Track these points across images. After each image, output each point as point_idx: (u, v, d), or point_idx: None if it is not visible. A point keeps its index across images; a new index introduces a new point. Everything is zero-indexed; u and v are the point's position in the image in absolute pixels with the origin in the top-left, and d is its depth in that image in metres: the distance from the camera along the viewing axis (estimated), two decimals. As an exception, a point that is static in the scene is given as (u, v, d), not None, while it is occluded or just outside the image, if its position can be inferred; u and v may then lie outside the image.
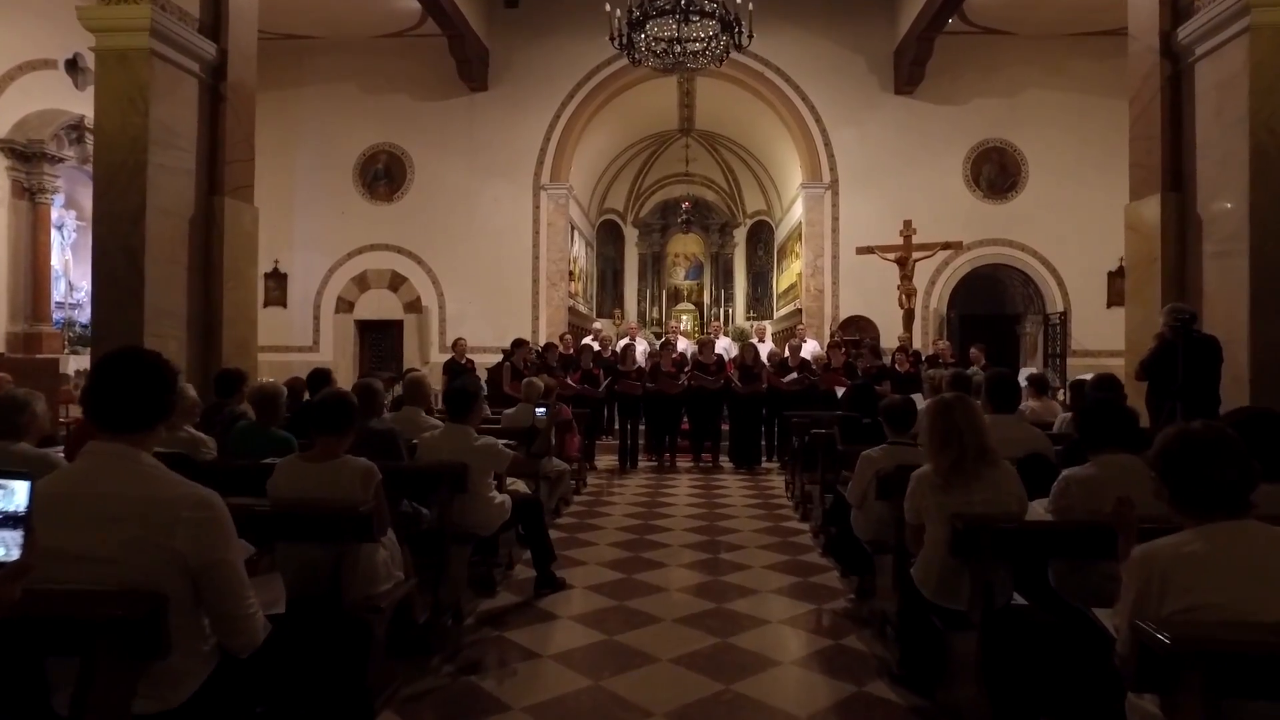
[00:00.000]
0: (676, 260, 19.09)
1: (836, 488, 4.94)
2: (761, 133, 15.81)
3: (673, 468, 10.07)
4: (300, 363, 13.83)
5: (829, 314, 13.87)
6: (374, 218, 14.30)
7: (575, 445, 7.86)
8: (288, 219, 14.34)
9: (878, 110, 13.98)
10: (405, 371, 9.01)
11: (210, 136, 6.79)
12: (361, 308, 14.38)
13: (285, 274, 14.36)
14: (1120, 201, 14.19)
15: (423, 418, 5.45)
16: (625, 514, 7.34)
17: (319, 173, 14.31)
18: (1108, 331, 13.68)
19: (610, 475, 9.64)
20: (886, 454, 4.18)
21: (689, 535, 6.49)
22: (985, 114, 13.91)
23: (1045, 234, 13.85)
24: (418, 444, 4.54)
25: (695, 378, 9.93)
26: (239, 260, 7.07)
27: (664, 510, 7.48)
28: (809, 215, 14.00)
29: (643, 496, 8.19)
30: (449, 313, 14.19)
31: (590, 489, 8.72)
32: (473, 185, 14.18)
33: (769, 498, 8.20)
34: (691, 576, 5.30)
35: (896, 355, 10.58)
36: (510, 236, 14.15)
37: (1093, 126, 13.76)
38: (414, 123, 14.26)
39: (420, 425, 5.29)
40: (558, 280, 14.09)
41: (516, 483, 5.62)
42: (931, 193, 13.72)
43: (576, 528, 6.78)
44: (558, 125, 14.12)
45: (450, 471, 4.23)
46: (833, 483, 5.74)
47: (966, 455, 2.96)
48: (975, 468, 2.97)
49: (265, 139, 14.51)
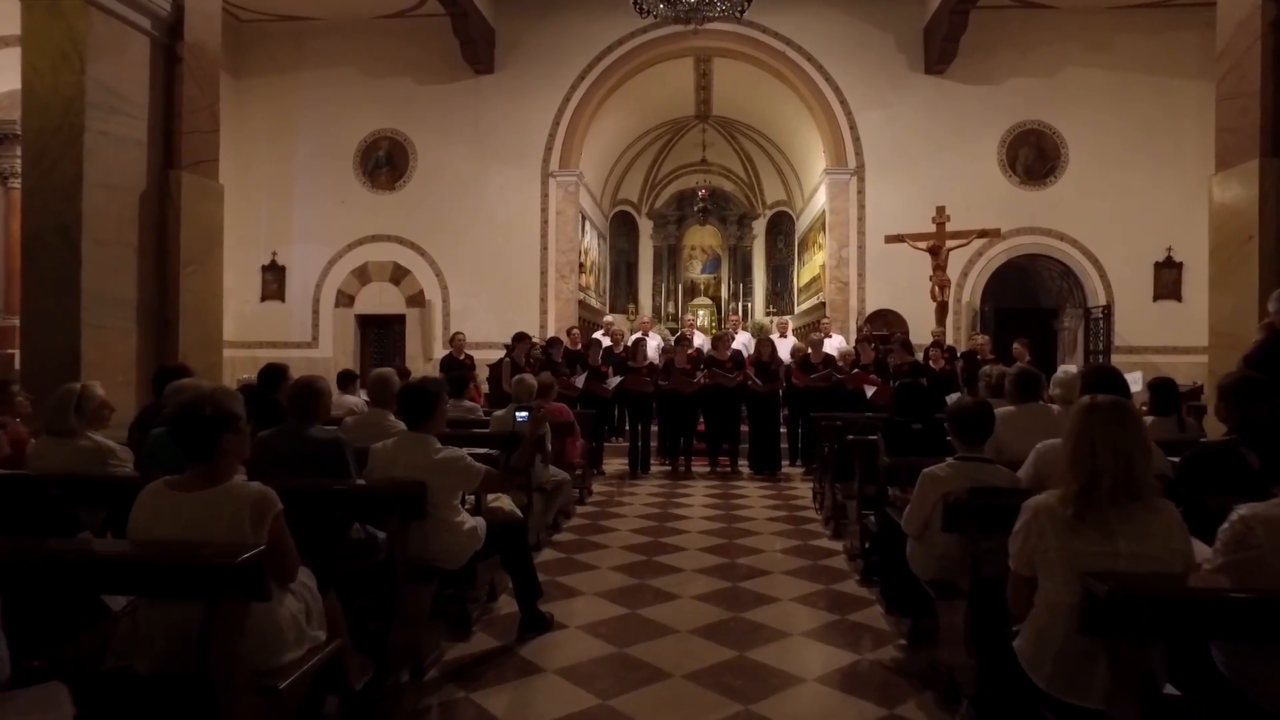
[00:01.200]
0: (693, 253, 18.14)
1: (886, 510, 3.99)
2: (782, 117, 14.83)
3: (687, 473, 9.15)
4: (299, 359, 13.00)
5: (854, 308, 12.88)
6: (375, 207, 13.46)
7: (578, 450, 6.97)
8: (286, 209, 13.56)
9: (907, 91, 12.96)
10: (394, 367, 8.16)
11: (165, 103, 5.94)
12: (362, 302, 13.54)
13: (284, 267, 13.55)
14: (1167, 187, 13.25)
15: (390, 421, 4.56)
16: (632, 529, 6.43)
17: (318, 161, 13.49)
18: (1154, 327, 12.68)
19: (619, 481, 8.73)
20: (955, 472, 3.25)
21: (704, 557, 5.56)
22: (1022, 94, 12.85)
23: (1086, 222, 12.78)
24: (369, 456, 3.65)
25: (712, 375, 9.01)
26: (200, 243, 6.21)
27: (676, 525, 6.56)
28: (833, 203, 13.01)
29: (653, 508, 7.27)
30: (453, 306, 13.33)
31: (597, 497, 7.82)
32: (478, 172, 13.31)
33: (794, 509, 7.26)
34: (706, 613, 4.37)
35: (930, 351, 9.60)
36: (517, 226, 13.26)
37: (1138, 107, 12.69)
38: (417, 107, 13.41)
39: (387, 431, 4.41)
40: (567, 272, 13.19)
41: (501, 499, 4.72)
42: (964, 178, 12.69)
43: (576, 546, 5.88)
44: (567, 109, 13.21)
45: (403, 493, 3.34)
46: (875, 499, 4.80)
47: (1105, 483, 2.02)
48: (1120, 504, 2.03)
49: (261, 126, 13.86)
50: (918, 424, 4.55)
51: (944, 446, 4.52)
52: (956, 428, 3.31)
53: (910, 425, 4.57)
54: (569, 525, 6.54)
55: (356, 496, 3.38)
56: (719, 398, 9.08)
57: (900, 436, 4.56)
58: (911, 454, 4.44)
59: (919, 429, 4.54)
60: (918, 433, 4.53)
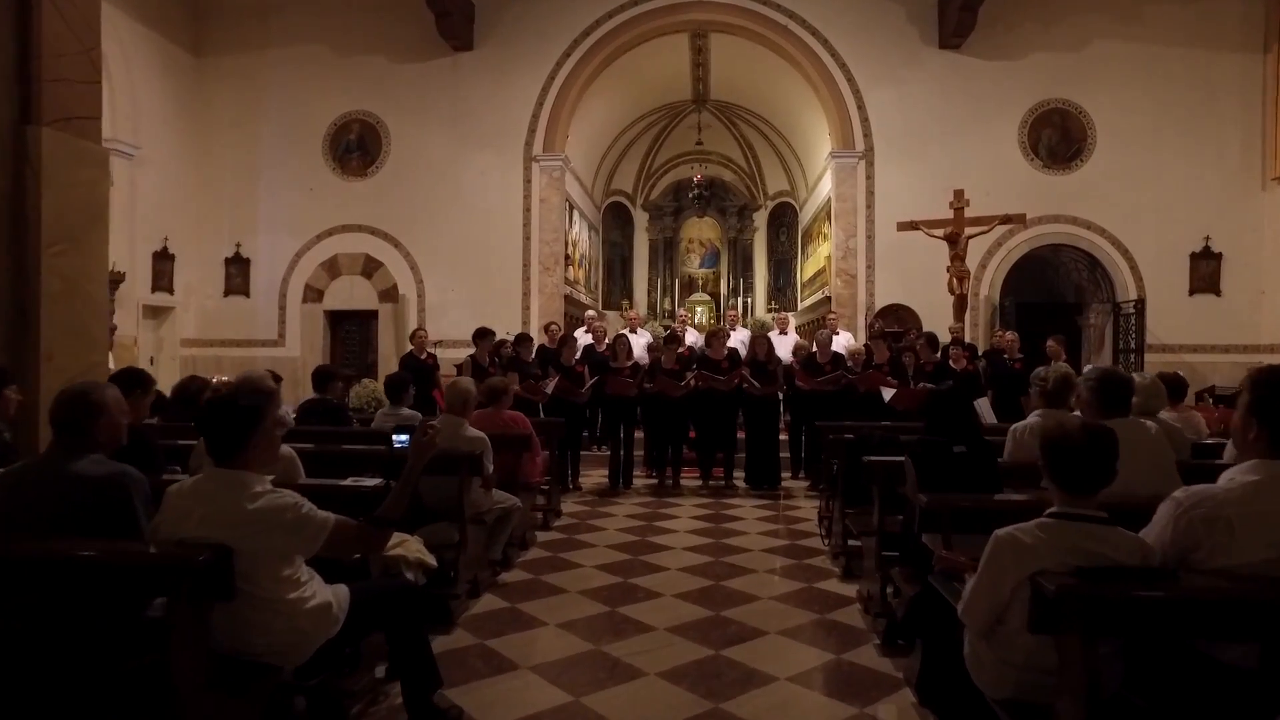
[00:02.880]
0: (690, 246, 16.87)
1: (929, 579, 2.75)
2: (784, 99, 13.57)
3: (675, 487, 7.91)
4: (265, 358, 11.85)
5: (863, 302, 11.62)
6: (346, 195, 12.26)
7: (538, 467, 5.74)
8: (250, 198, 12.37)
9: (919, 67, 11.69)
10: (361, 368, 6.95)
11: (18, 43, 4.73)
12: (332, 296, 12.34)
13: (248, 259, 12.36)
14: (1205, 171, 11.61)
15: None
16: (600, 563, 5.20)
17: (284, 145, 12.29)
18: (1189, 323, 11.41)
19: (595, 498, 7.50)
20: (1051, 539, 2.00)
21: (684, 608, 4.32)
22: (1045, 70, 11.57)
23: (1115, 209, 11.49)
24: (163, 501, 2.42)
25: (703, 377, 7.77)
26: (74, 217, 4.98)
27: (653, 559, 5.32)
28: (839, 189, 11.75)
29: (630, 534, 6.03)
30: (429, 301, 12.12)
31: (566, 519, 6.58)
32: (456, 157, 12.09)
33: (796, 536, 6.02)
34: (678, 702, 3.14)
35: (950, 350, 8.35)
36: (498, 215, 12.04)
37: (1173, 84, 11.40)
38: (390, 88, 12.20)
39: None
40: (552, 265, 11.96)
41: (406, 543, 3.50)
42: (982, 162, 11.42)
43: (525, 589, 4.65)
44: (552, 88, 11.98)
45: (193, 564, 2.12)
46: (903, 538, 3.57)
47: None
48: None
49: (224, 109, 12.66)
50: (961, 445, 3.31)
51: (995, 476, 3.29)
52: (1057, 466, 2.06)
53: (950, 447, 3.33)
54: (524, 559, 5.31)
55: (107, 568, 2.15)
56: (712, 402, 7.84)
57: (938, 462, 3.32)
58: (954, 485, 3.22)
59: (962, 452, 3.30)
60: (961, 458, 3.30)
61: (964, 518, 2.97)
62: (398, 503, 2.51)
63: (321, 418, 5.71)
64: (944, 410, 3.45)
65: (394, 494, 2.52)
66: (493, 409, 5.55)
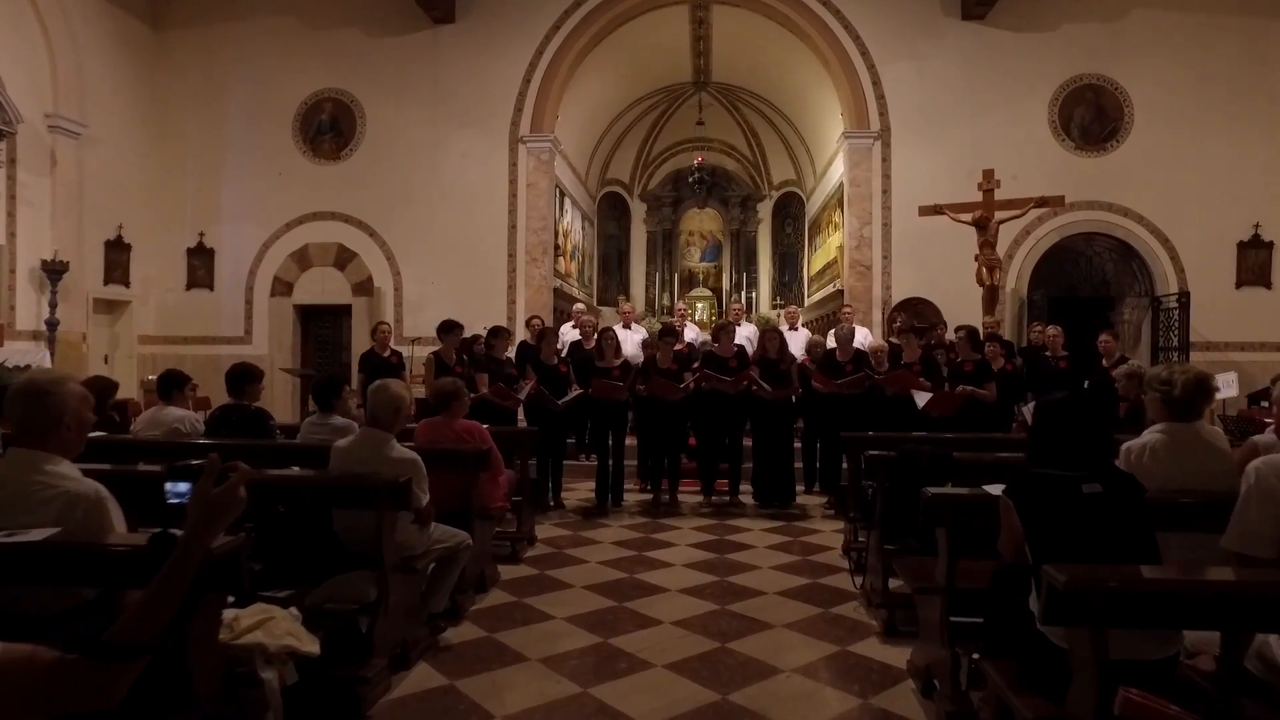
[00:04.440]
0: (691, 239, 15.67)
1: None
2: (792, 81, 12.41)
3: (672, 505, 6.75)
4: (230, 356, 10.66)
5: (878, 296, 10.46)
6: (317, 180, 11.11)
7: (501, 488, 4.58)
8: (214, 183, 11.23)
9: (940, 40, 10.54)
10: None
11: None
12: (302, 290, 11.19)
13: (212, 250, 11.22)
14: (1254, 153, 9.95)
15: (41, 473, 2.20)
16: (574, 613, 4.04)
17: (252, 126, 11.14)
18: (1237, 318, 10.25)
19: (579, 519, 6.34)
20: None
21: (680, 687, 3.17)
22: (1079, 43, 10.40)
23: (1154, 195, 10.32)
24: None
25: (707, 378, 6.61)
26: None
27: (642, 605, 4.16)
28: (853, 172, 10.58)
29: (615, 569, 4.88)
30: (407, 295, 10.98)
31: (542, 546, 5.43)
32: (436, 139, 10.94)
33: (817, 570, 4.86)
34: None
35: (987, 347, 7.18)
36: (482, 201, 10.89)
37: (1218, 57, 10.24)
38: (366, 63, 11.05)
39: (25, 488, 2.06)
40: (539, 255, 10.81)
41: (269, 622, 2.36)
42: (1009, 143, 10.25)
43: (471, 656, 3.49)
44: (540, 63, 10.83)
45: None
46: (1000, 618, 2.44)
47: None
48: None
49: (186, 86, 11.44)
50: (1094, 483, 2.16)
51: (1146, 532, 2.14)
52: None
53: (1078, 484, 2.17)
54: (479, 605, 4.16)
55: None
56: (715, 406, 6.68)
57: (1058, 506, 2.17)
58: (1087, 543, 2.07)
59: (1096, 493, 2.15)
60: (1094, 501, 2.15)
61: (1129, 606, 1.82)
62: (150, 614, 1.32)
63: (236, 428, 4.58)
64: (1063, 431, 2.29)
65: (144, 598, 1.34)
66: (443, 418, 4.41)
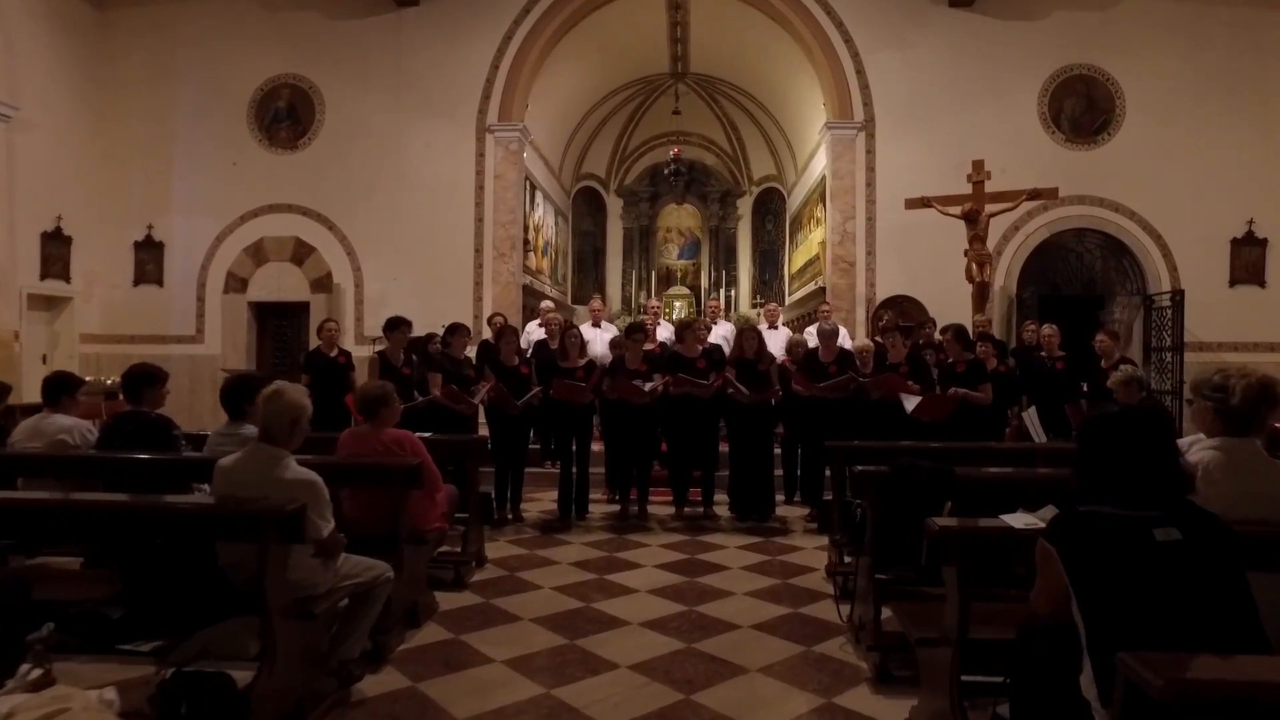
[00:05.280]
0: (668, 236, 15.10)
1: None
2: (773, 71, 11.88)
3: (641, 517, 6.17)
4: (180, 356, 10.09)
5: (861, 294, 9.93)
6: (274, 170, 10.42)
7: (439, 506, 3.98)
8: (164, 173, 10.51)
9: (927, 27, 10.03)
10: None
11: None
12: (257, 286, 10.49)
13: (161, 243, 10.50)
14: (1249, 147, 9.40)
15: None
16: (516, 657, 3.44)
17: (204, 112, 10.44)
18: (1230, 318, 9.82)
19: (539, 534, 5.75)
20: None
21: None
22: (1069, 32, 9.92)
23: (1147, 190, 9.87)
24: None
25: (680, 381, 6.03)
26: None
27: (598, 644, 3.58)
28: (836, 164, 10.05)
29: (571, 597, 4.28)
30: (368, 292, 10.32)
31: (493, 567, 4.83)
32: (400, 128, 10.30)
33: (799, 597, 4.30)
34: None
35: (978, 347, 6.66)
36: (447, 193, 10.25)
37: (1213, 48, 9.81)
38: (325, 48, 10.37)
39: None
40: (507, 250, 10.19)
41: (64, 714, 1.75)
42: (997, 135, 9.73)
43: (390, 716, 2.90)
44: (509, 49, 10.21)
45: None
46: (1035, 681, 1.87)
47: None
48: None
49: (133, 70, 10.61)
50: (1170, 527, 1.60)
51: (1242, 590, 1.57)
52: None
53: (1147, 528, 1.61)
54: (408, 645, 3.56)
55: None
56: (688, 409, 6.11)
57: (1122, 562, 1.61)
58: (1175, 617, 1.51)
59: (1173, 540, 1.59)
60: (1171, 552, 1.58)
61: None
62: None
63: (133, 438, 3.95)
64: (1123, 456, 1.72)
65: None
66: (370, 426, 3.81)
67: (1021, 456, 4.76)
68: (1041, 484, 3.34)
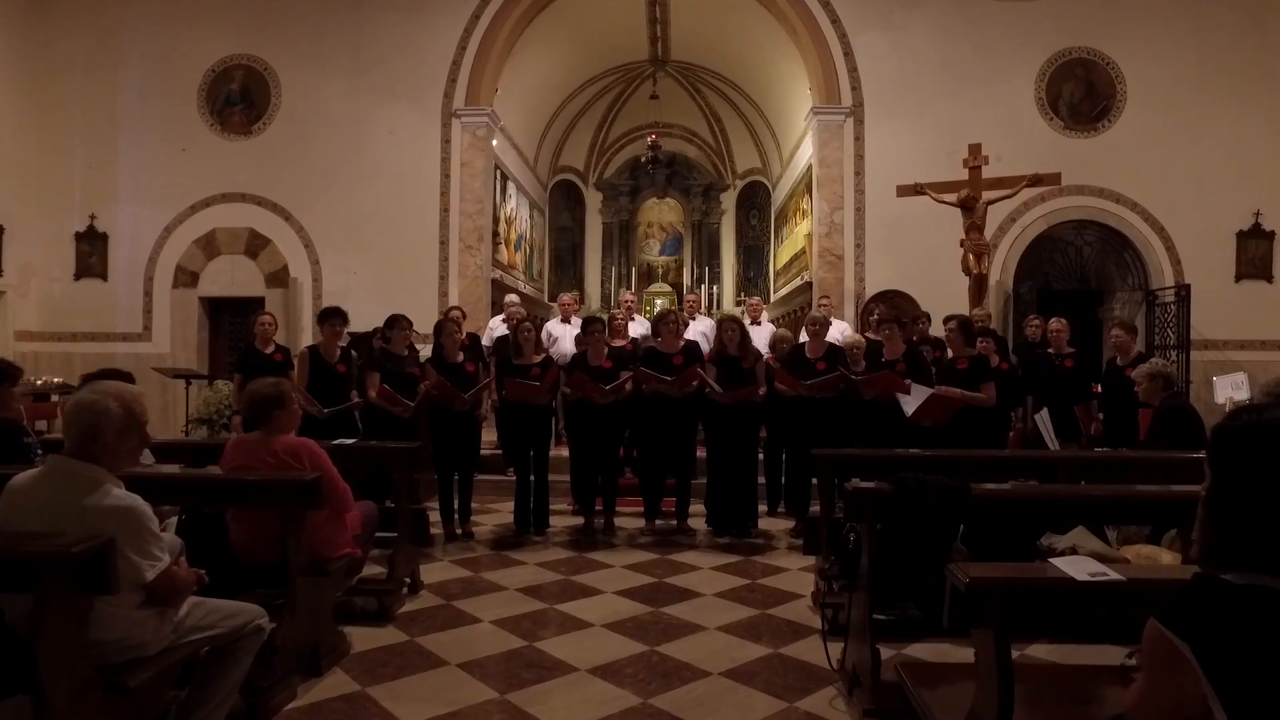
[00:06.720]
0: (649, 231, 14.41)
1: None
2: (757, 58, 11.22)
3: (607, 531, 5.47)
4: (127, 355, 9.28)
5: (850, 289, 9.28)
6: (226, 157, 9.67)
7: (348, 531, 3.28)
8: (108, 160, 9.74)
9: (918, 8, 9.40)
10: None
11: None
12: (209, 280, 9.74)
13: (105, 234, 9.73)
14: (1255, 135, 8.93)
15: None
16: (440, 714, 2.75)
17: (150, 96, 9.68)
18: (1236, 314, 9.22)
19: (491, 552, 5.04)
20: None
21: None
22: (1068, 13, 9.32)
23: (1149, 180, 9.27)
24: None
25: (644, 376, 5.35)
26: None
27: (535, 702, 2.86)
28: (822, 152, 9.40)
29: (514, 633, 3.57)
30: (327, 287, 9.58)
31: (429, 595, 4.11)
32: (360, 112, 9.57)
33: (778, 626, 3.62)
34: None
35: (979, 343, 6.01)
36: (410, 182, 9.54)
37: (1218, 32, 9.21)
38: (280, 27, 9.64)
39: None
40: (474, 242, 9.48)
41: None
42: (992, 121, 9.09)
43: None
44: (477, 28, 9.51)
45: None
46: None
47: None
48: None
49: (74, 50, 9.65)
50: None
51: None
52: None
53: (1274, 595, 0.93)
54: (302, 701, 2.84)
55: None
56: (661, 410, 5.43)
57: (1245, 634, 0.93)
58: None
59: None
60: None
61: None
62: None
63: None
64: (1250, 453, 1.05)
65: None
66: (260, 434, 3.09)
67: (1034, 466, 4.10)
68: (1083, 503, 2.66)
